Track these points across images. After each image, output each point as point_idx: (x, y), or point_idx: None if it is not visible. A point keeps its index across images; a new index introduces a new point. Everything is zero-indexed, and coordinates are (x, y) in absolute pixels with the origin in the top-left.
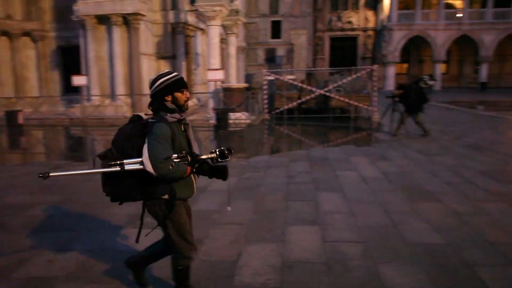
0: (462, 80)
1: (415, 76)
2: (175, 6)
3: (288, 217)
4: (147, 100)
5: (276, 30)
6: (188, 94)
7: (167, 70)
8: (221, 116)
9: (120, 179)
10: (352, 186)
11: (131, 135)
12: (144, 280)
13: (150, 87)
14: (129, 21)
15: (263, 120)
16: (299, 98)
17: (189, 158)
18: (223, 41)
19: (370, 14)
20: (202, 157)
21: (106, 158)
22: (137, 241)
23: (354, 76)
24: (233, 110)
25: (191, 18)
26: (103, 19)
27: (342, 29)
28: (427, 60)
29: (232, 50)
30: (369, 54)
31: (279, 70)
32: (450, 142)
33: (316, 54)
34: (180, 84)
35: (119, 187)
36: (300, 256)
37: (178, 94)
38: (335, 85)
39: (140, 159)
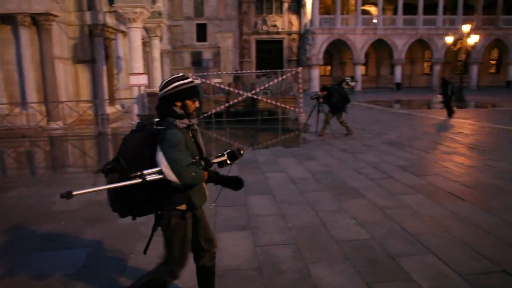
0: (380, 81)
1: (338, 78)
2: (92, 7)
3: (218, 224)
4: (64, 108)
5: (201, 33)
6: (198, 104)
7: (182, 74)
8: (147, 122)
9: (132, 192)
10: (281, 187)
11: (142, 144)
12: None
13: (161, 89)
14: (38, 21)
15: None
16: (227, 101)
17: (203, 163)
18: (146, 44)
19: (294, 18)
20: (214, 160)
21: (115, 171)
22: (145, 252)
23: (280, 78)
24: None
25: (110, 20)
26: (8, 19)
27: (268, 33)
28: (348, 63)
29: (156, 53)
30: (294, 56)
31: (205, 73)
32: (372, 140)
33: (243, 57)
34: (193, 93)
35: (132, 201)
36: (232, 264)
37: (189, 102)
38: (262, 87)
39: (158, 169)
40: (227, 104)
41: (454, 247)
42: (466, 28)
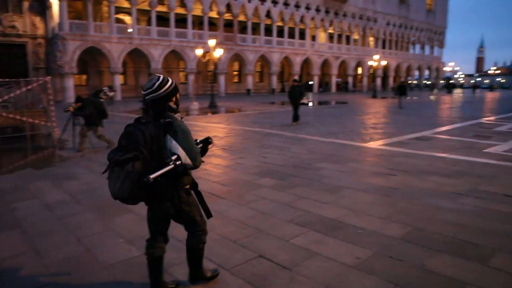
0: (139, 90)
1: (95, 88)
2: None
3: None
4: None
5: None
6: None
7: (158, 75)
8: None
9: (158, 179)
10: (33, 217)
11: (157, 135)
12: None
13: (157, 91)
14: None
15: None
16: None
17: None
18: None
19: (38, 20)
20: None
21: (138, 160)
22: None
23: (24, 89)
24: None
25: None
26: None
27: (5, 35)
28: (106, 72)
29: None
30: (42, 64)
31: None
32: None
33: None
34: (177, 87)
35: (159, 187)
36: None
37: (178, 95)
38: (0, 100)
39: (176, 155)
40: None
41: (218, 243)
42: (211, 42)
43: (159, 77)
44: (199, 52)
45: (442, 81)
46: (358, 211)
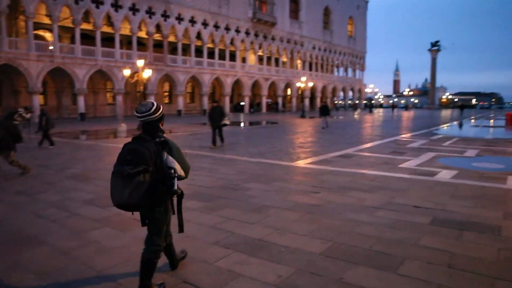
0: (62, 110)
1: (9, 109)
2: None
3: None
4: None
5: None
6: None
7: (151, 101)
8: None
9: (157, 189)
10: None
11: (156, 152)
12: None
13: (153, 114)
14: None
15: None
16: None
17: None
18: None
19: None
20: None
21: (147, 172)
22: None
23: None
24: None
25: None
26: None
27: None
28: (23, 91)
29: None
30: None
31: None
32: (54, 176)
33: None
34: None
35: (158, 195)
36: None
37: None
38: None
39: (173, 169)
40: None
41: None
42: (140, 63)
43: (153, 103)
44: (126, 72)
45: (365, 101)
46: (282, 230)
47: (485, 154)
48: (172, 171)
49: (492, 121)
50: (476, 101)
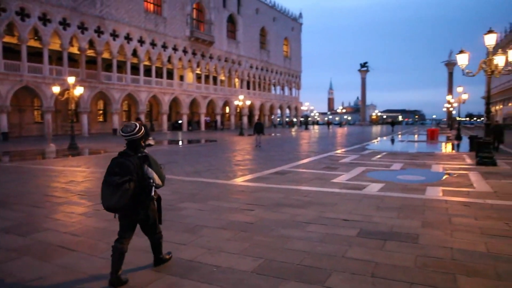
0: None
1: None
2: None
3: None
4: None
5: None
6: None
7: (134, 122)
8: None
9: (140, 194)
10: None
11: (139, 164)
12: None
13: (137, 133)
14: None
15: None
16: None
17: None
18: None
19: None
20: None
21: (132, 181)
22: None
23: None
24: None
25: None
26: None
27: None
28: None
29: None
30: None
31: None
32: None
33: None
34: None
35: (139, 200)
36: None
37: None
38: None
39: (151, 178)
40: None
41: None
42: (71, 79)
43: (136, 124)
44: (56, 89)
45: (302, 119)
46: (215, 249)
47: (409, 167)
48: (151, 181)
49: (416, 136)
50: (401, 117)
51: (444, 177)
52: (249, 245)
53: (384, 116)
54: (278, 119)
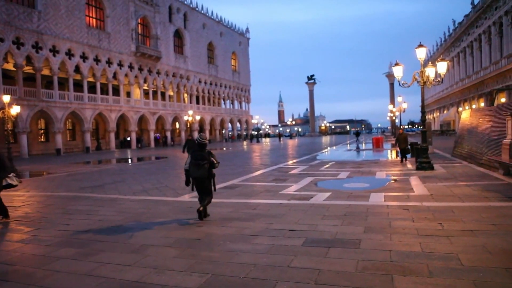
0: None
1: None
2: None
3: None
4: None
5: None
6: None
7: (204, 134)
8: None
9: (209, 170)
10: None
11: (207, 155)
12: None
13: (205, 141)
14: None
15: None
16: None
17: None
18: None
19: None
20: None
21: (208, 163)
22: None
23: None
24: None
25: None
26: None
27: None
28: None
29: None
30: None
31: None
32: None
33: None
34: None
35: (209, 173)
36: None
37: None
38: None
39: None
40: None
41: None
42: (6, 98)
43: (205, 135)
44: None
45: (254, 132)
46: (161, 268)
47: (355, 175)
48: (215, 163)
49: (364, 144)
50: (349, 127)
51: (387, 184)
52: (196, 261)
53: (333, 127)
54: (230, 133)
